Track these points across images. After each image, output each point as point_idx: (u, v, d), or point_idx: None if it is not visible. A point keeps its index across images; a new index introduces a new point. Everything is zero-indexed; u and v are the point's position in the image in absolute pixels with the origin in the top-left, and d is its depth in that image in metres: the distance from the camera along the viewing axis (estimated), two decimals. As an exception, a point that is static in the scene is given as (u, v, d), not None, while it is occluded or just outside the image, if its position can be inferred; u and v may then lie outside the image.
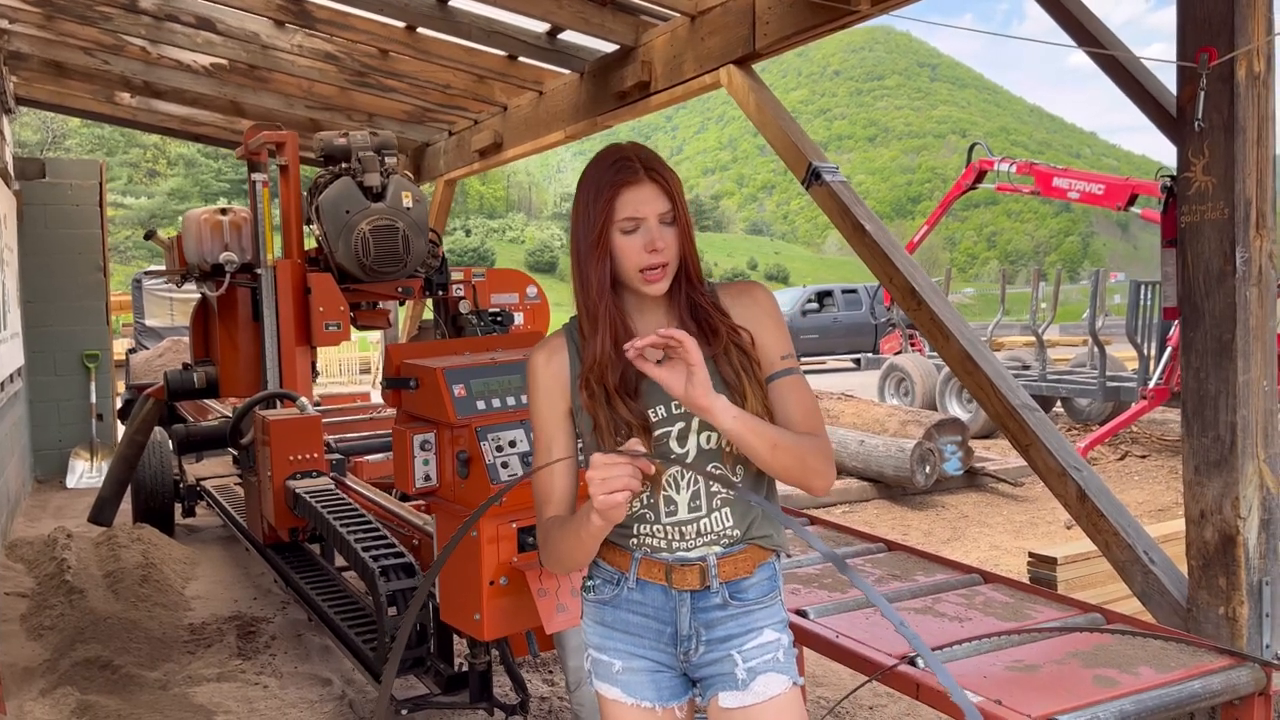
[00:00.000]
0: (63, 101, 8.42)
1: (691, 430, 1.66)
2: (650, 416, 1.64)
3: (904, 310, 3.82)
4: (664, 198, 1.60)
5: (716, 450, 1.66)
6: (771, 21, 4.05)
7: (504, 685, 3.32)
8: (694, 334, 1.64)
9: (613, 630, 1.73)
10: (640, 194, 1.59)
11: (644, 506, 1.67)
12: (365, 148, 5.01)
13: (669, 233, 1.61)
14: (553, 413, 1.70)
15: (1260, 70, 2.60)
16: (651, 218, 1.60)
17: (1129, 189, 9.53)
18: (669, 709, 1.73)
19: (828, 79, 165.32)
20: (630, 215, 1.59)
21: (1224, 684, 2.32)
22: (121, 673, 3.91)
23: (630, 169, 1.60)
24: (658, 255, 1.59)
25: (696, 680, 1.75)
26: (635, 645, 1.71)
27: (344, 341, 5.32)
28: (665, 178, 1.61)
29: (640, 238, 1.60)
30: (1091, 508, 3.00)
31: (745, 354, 1.65)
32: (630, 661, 1.72)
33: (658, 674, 1.72)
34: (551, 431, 1.70)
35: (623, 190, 1.59)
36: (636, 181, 1.59)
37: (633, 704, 1.72)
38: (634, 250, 1.60)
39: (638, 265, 1.60)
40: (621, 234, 1.60)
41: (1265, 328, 2.64)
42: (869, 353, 16.92)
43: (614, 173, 1.60)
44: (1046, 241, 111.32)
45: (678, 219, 1.62)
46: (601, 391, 1.62)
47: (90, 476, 8.32)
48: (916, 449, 7.31)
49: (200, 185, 54.12)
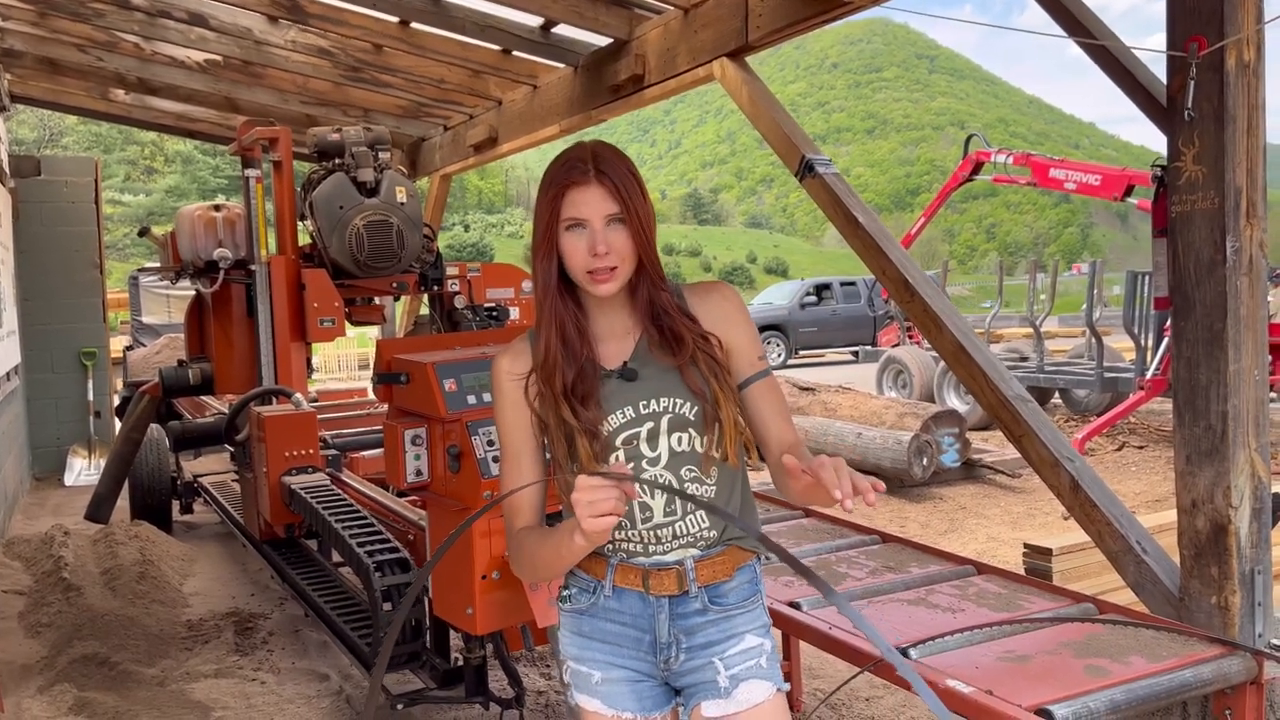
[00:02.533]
0: (58, 99, 8.41)
1: (661, 431, 1.62)
2: (602, 427, 1.60)
3: (897, 302, 3.82)
4: (612, 199, 1.56)
5: (690, 452, 1.63)
6: (764, 14, 4.04)
7: (500, 679, 3.33)
8: (656, 339, 1.62)
9: (590, 640, 1.69)
10: (585, 195, 1.56)
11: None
12: (359, 143, 5.00)
13: (616, 234, 1.57)
14: (519, 419, 1.66)
15: (1250, 59, 2.59)
16: (595, 219, 1.56)
17: (1126, 179, 9.52)
18: (650, 719, 1.70)
19: (826, 71, 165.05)
20: (573, 216, 1.57)
21: (1215, 673, 2.32)
22: (119, 669, 3.92)
23: (579, 170, 1.57)
24: (599, 259, 1.56)
25: (679, 689, 1.71)
26: (614, 655, 1.68)
27: (339, 337, 5.31)
28: (615, 179, 1.56)
29: (585, 239, 1.57)
30: (1084, 498, 3.00)
31: (714, 360, 1.63)
32: (609, 672, 1.68)
33: (638, 684, 1.68)
34: (519, 439, 1.67)
35: (568, 190, 1.57)
36: (584, 182, 1.56)
37: (613, 715, 1.68)
38: (578, 251, 1.57)
39: (584, 267, 1.58)
40: (566, 232, 1.58)
41: (1256, 317, 2.63)
42: (867, 345, 16.92)
43: (564, 172, 1.58)
44: (1046, 233, 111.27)
45: (629, 221, 1.57)
46: (549, 392, 1.60)
47: (88, 474, 8.34)
48: (914, 441, 7.31)
49: (198, 182, 54.11)
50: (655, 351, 1.63)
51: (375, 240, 4.85)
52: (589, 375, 1.61)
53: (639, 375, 1.62)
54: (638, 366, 1.63)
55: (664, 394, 1.62)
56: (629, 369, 1.63)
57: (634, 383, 1.62)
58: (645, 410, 1.62)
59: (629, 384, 1.62)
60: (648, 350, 1.64)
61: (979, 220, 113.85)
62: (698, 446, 1.63)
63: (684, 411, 1.62)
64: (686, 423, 1.62)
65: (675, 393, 1.62)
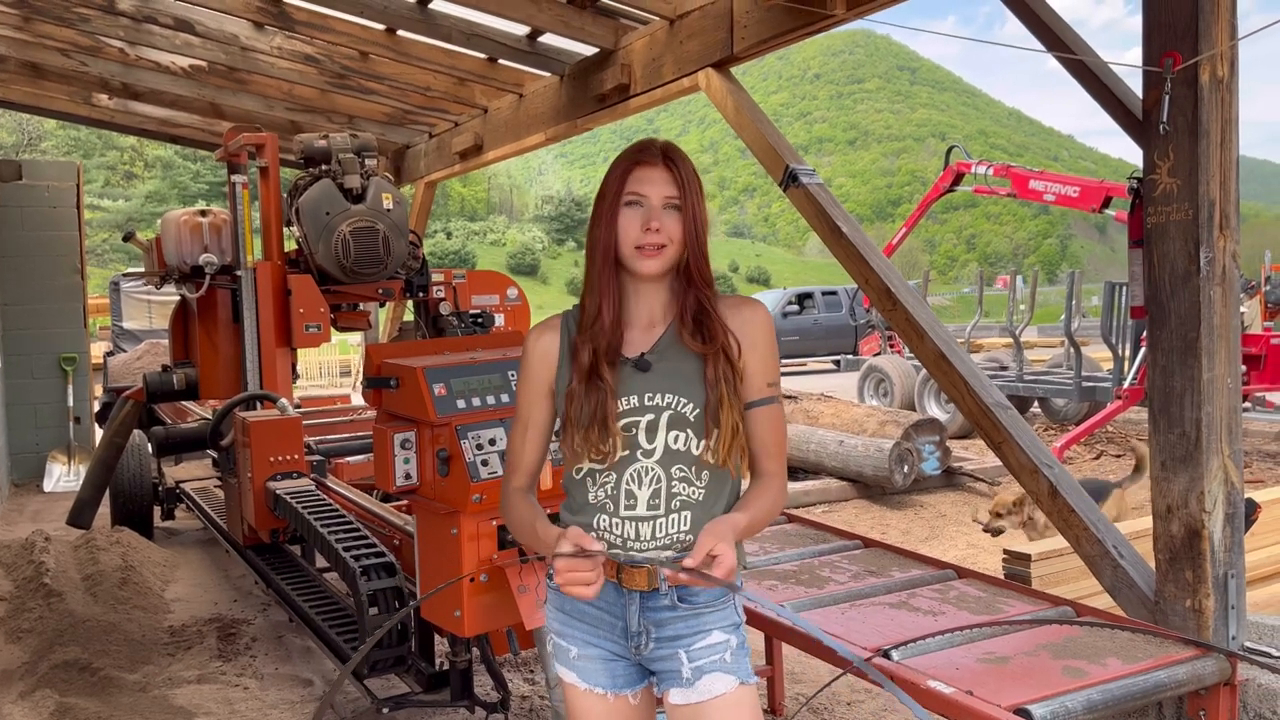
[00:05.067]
0: (39, 103, 8.37)
1: (661, 425, 1.69)
2: (621, 403, 1.69)
3: (880, 311, 3.87)
4: (673, 184, 1.69)
5: (684, 452, 1.69)
6: (749, 25, 4.09)
7: (485, 684, 3.34)
8: (689, 328, 1.71)
9: (570, 617, 1.79)
10: (650, 174, 1.69)
11: (606, 496, 1.71)
12: (345, 150, 5.01)
13: (670, 218, 1.69)
14: (536, 386, 1.79)
15: (1224, 75, 2.66)
16: (655, 198, 1.68)
17: (1103, 191, 9.66)
18: (621, 696, 1.78)
19: (808, 82, 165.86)
20: (635, 190, 1.69)
21: (1189, 674, 2.37)
22: (101, 675, 3.90)
23: (649, 152, 1.71)
24: (651, 235, 1.66)
25: (652, 671, 1.79)
26: (591, 634, 1.77)
27: (324, 343, 5.33)
28: (680, 167, 1.70)
29: (641, 214, 1.68)
30: (1063, 504, 3.05)
31: (731, 367, 1.70)
32: (585, 649, 1.78)
33: (612, 662, 1.77)
34: (531, 404, 1.81)
35: (635, 168, 1.70)
36: (651, 163, 1.70)
37: (586, 689, 1.78)
38: (633, 225, 1.68)
39: (634, 241, 1.68)
40: (625, 206, 1.69)
41: (1229, 326, 2.70)
42: (849, 354, 17.00)
43: (634, 153, 1.72)
44: (1025, 244, 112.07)
45: (684, 209, 1.68)
46: (588, 353, 1.70)
47: (68, 480, 8.27)
48: (895, 449, 7.37)
49: (178, 188, 53.69)
50: (684, 340, 1.71)
51: (361, 246, 4.86)
52: (612, 354, 1.71)
53: (652, 367, 1.70)
54: (654, 359, 1.71)
55: (671, 390, 1.69)
56: (644, 360, 1.71)
57: (646, 374, 1.70)
58: (649, 402, 1.69)
59: (641, 374, 1.70)
60: (672, 340, 1.72)
61: (959, 231, 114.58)
62: (693, 449, 1.69)
63: (685, 411, 1.68)
64: (685, 422, 1.69)
65: (682, 391, 1.69)
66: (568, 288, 60.45)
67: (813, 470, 8.01)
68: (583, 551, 1.57)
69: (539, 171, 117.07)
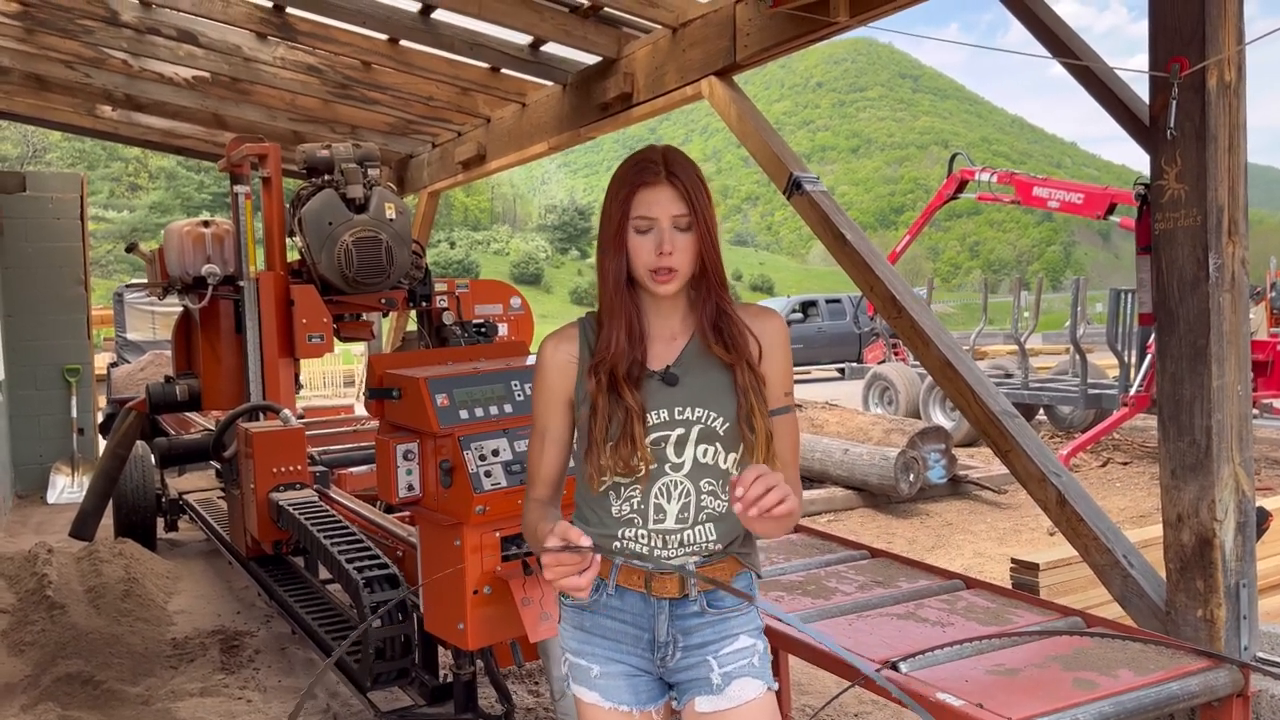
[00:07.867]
0: (43, 115, 8.39)
1: (690, 440, 1.67)
2: (650, 418, 1.66)
3: (885, 318, 3.85)
4: (681, 202, 1.63)
5: (713, 466, 1.69)
6: (752, 33, 4.08)
7: (489, 696, 3.32)
8: (713, 339, 1.68)
9: (591, 635, 1.76)
10: (656, 195, 1.63)
11: (633, 511, 1.69)
12: (348, 160, 5.01)
13: (683, 238, 1.64)
14: (553, 398, 1.75)
15: (1231, 79, 2.64)
16: (664, 219, 1.63)
17: (1108, 198, 9.63)
18: (646, 712, 1.76)
19: (811, 90, 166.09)
20: (643, 214, 1.64)
21: (1202, 685, 2.34)
22: (103, 688, 3.88)
23: (651, 170, 1.64)
24: (665, 259, 1.62)
25: (673, 684, 1.77)
26: (613, 650, 1.74)
27: (327, 353, 5.30)
28: (686, 183, 1.64)
29: (652, 238, 1.63)
30: (1071, 512, 3.02)
31: (754, 373, 1.68)
32: (608, 666, 1.74)
33: (635, 678, 1.75)
34: (548, 415, 1.76)
35: (640, 190, 1.64)
36: (655, 183, 1.63)
37: (610, 708, 1.74)
38: (645, 250, 1.64)
39: (648, 265, 1.64)
40: (636, 233, 1.64)
41: (1238, 333, 2.67)
42: (853, 362, 17.00)
43: (636, 172, 1.65)
44: (1029, 251, 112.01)
45: (695, 225, 1.64)
46: (608, 379, 1.66)
47: (71, 491, 8.26)
48: (900, 457, 7.34)
49: (182, 198, 53.86)
50: (711, 351, 1.68)
51: (364, 256, 4.85)
52: (639, 370, 1.68)
53: (680, 381, 1.68)
54: (681, 372, 1.69)
55: (700, 404, 1.67)
56: (670, 373, 1.68)
57: (673, 387, 1.68)
58: (680, 416, 1.67)
59: (668, 388, 1.68)
60: (696, 353, 1.70)
61: (963, 238, 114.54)
62: (721, 462, 1.69)
63: (715, 425, 1.67)
64: (715, 436, 1.67)
65: (711, 405, 1.67)
66: (571, 297, 60.48)
67: (818, 479, 7.98)
68: (569, 546, 1.52)
69: (542, 181, 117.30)
